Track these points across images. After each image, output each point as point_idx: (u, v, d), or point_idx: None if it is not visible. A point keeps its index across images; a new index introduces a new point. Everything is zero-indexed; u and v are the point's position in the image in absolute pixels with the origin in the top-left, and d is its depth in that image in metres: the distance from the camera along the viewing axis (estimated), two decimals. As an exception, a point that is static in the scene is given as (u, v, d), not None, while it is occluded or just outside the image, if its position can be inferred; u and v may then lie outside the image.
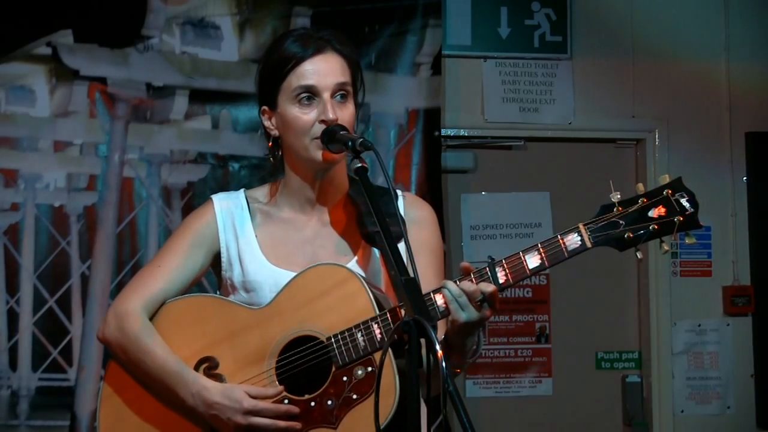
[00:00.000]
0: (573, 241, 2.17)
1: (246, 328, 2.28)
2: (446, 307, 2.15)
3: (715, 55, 4.86)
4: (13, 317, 4.03)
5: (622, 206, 2.21)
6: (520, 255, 2.18)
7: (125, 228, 4.14)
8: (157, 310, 2.34)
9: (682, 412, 4.75)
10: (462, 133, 4.67)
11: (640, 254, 2.21)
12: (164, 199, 4.17)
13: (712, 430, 4.77)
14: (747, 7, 4.90)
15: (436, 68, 4.41)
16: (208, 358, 2.29)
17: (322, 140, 2.27)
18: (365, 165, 2.19)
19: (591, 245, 2.18)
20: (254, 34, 4.25)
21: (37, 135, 4.09)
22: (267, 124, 2.38)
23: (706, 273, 4.80)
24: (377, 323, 2.19)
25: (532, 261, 2.17)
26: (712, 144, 4.84)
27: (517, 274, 2.17)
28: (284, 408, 2.21)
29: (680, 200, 2.20)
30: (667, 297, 4.75)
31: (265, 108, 2.37)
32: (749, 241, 4.82)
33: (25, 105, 4.09)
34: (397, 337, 1.88)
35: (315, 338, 2.24)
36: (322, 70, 2.29)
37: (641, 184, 2.24)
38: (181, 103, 4.18)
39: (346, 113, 2.30)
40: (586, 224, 2.19)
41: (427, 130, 4.39)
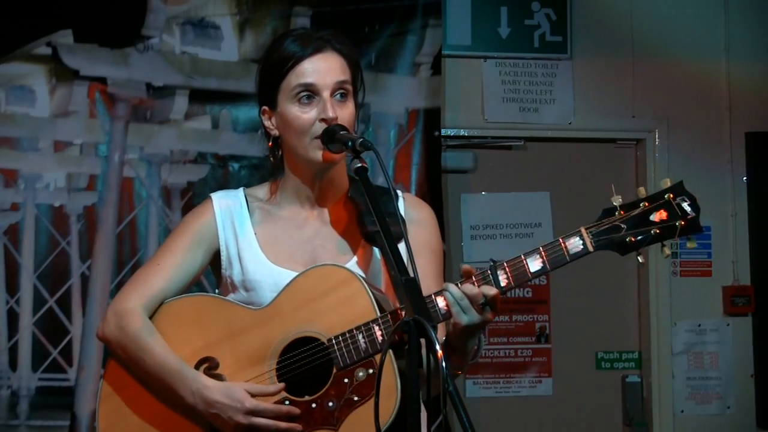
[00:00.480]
0: (575, 244, 2.17)
1: (246, 328, 2.28)
2: (448, 309, 2.15)
3: (715, 55, 4.86)
4: (13, 317, 4.03)
5: (624, 210, 2.20)
6: (522, 258, 2.18)
7: (125, 228, 4.14)
8: (156, 309, 2.33)
9: (682, 412, 4.75)
10: (462, 133, 4.67)
11: (641, 258, 2.21)
12: (164, 199, 4.17)
13: (712, 430, 4.77)
14: (747, 7, 4.90)
15: (436, 68, 4.41)
16: (208, 358, 2.28)
17: (322, 140, 2.26)
18: (365, 165, 2.19)
19: (593, 249, 2.18)
20: (254, 34, 4.25)
21: (37, 135, 4.09)
22: (267, 123, 2.38)
23: (706, 273, 4.80)
24: (378, 325, 2.18)
25: (534, 264, 2.17)
26: (712, 144, 4.84)
27: (518, 277, 2.17)
28: (285, 409, 2.21)
29: (682, 204, 2.19)
30: (667, 297, 4.75)
31: (265, 108, 2.37)
32: (749, 241, 4.82)
33: (25, 105, 4.09)
34: (398, 338, 1.88)
35: (316, 339, 2.23)
36: (322, 69, 2.29)
37: (642, 188, 2.23)
38: (181, 103, 4.19)
39: (346, 112, 2.30)
40: (588, 228, 2.19)
41: (427, 130, 4.40)
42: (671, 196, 2.20)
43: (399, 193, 2.42)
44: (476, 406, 4.61)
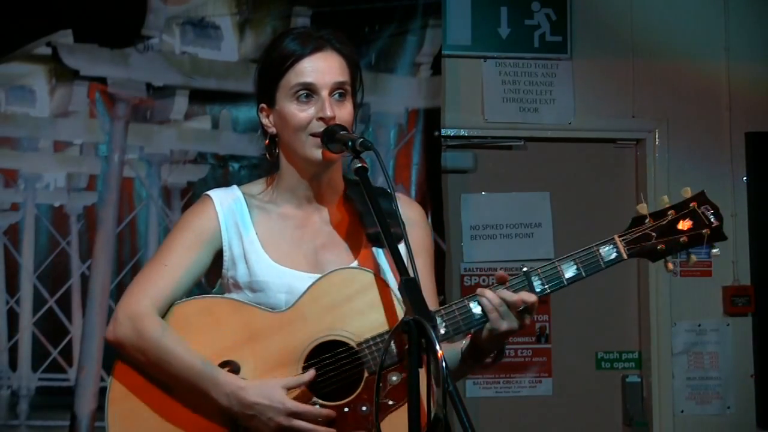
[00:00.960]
0: (609, 252, 2.27)
1: (268, 331, 2.24)
2: (481, 314, 2.21)
3: (715, 55, 4.86)
4: (13, 317, 4.03)
5: (653, 218, 2.30)
6: (556, 265, 2.26)
7: (125, 228, 4.13)
8: (166, 311, 2.28)
9: (682, 412, 4.74)
10: (462, 133, 4.67)
11: (671, 266, 2.32)
12: (164, 199, 4.17)
13: (712, 430, 4.77)
14: (747, 7, 4.90)
15: (436, 68, 4.41)
16: (229, 362, 2.24)
17: (322, 140, 2.26)
18: (365, 165, 2.19)
19: (627, 257, 2.28)
20: (254, 34, 4.25)
21: (37, 135, 4.09)
22: (265, 121, 2.38)
23: (706, 273, 4.80)
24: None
25: (569, 271, 2.27)
26: (712, 144, 4.84)
27: (554, 283, 2.26)
28: (325, 412, 2.19)
29: (706, 213, 2.31)
30: (667, 297, 4.75)
31: (263, 105, 2.37)
32: (749, 241, 4.82)
33: (25, 105, 4.09)
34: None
35: (343, 344, 2.22)
36: (321, 68, 2.29)
37: (666, 197, 2.33)
38: (181, 103, 4.18)
39: (344, 112, 2.30)
40: (621, 236, 2.29)
41: (427, 130, 4.39)
42: (695, 204, 2.31)
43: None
44: (476, 406, 4.60)
